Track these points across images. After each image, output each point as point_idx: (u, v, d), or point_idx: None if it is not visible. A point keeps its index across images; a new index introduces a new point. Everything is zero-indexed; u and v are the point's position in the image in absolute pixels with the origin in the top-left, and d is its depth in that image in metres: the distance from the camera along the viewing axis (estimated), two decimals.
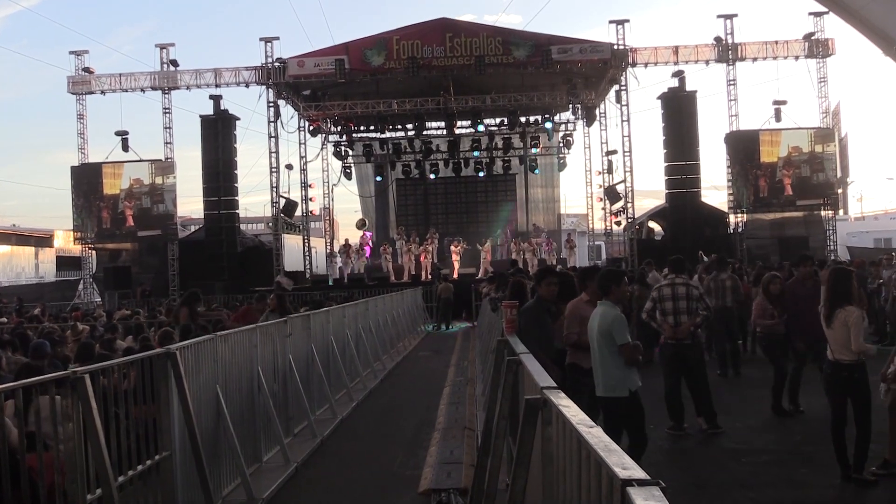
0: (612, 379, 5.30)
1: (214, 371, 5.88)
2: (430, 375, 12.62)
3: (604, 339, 5.30)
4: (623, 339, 5.25)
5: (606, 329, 5.29)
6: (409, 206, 33.85)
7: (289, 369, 7.83)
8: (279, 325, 7.73)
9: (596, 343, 5.35)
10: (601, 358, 5.33)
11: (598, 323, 5.34)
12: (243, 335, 6.62)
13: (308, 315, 9.16)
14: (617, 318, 5.35)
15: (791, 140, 25.72)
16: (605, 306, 5.43)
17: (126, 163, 26.47)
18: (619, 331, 5.27)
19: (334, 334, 10.19)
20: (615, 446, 2.12)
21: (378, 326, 14.17)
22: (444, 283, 21.92)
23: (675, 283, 7.50)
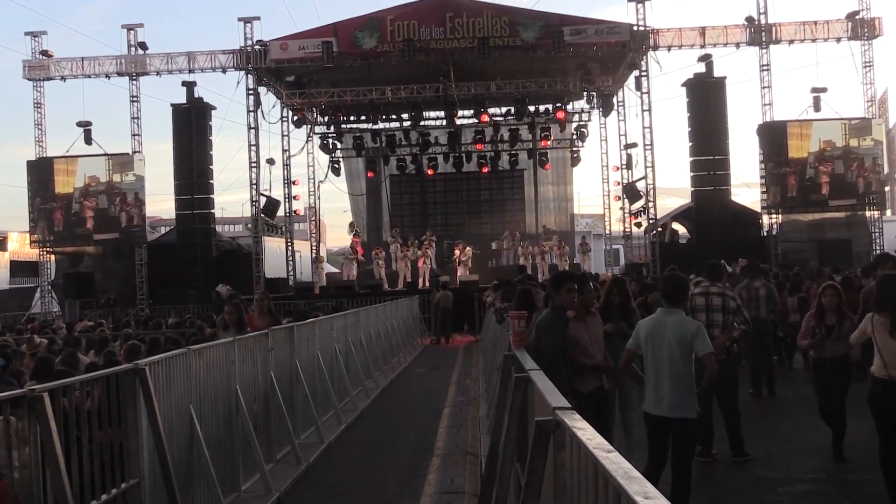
0: (683, 397, 5.29)
1: (188, 389, 5.88)
2: (428, 395, 12.63)
3: (682, 350, 5.29)
4: (709, 348, 5.26)
5: (686, 339, 5.28)
6: (404, 205, 33.91)
7: (270, 388, 7.83)
8: (259, 339, 7.73)
9: (667, 356, 5.33)
10: (673, 373, 5.30)
11: (674, 332, 5.32)
12: (220, 349, 6.64)
13: (291, 327, 9.16)
14: (700, 326, 5.38)
15: (823, 133, 25.60)
16: (677, 315, 5.42)
17: (81, 157, 26.37)
18: (704, 339, 5.29)
19: (321, 349, 10.19)
20: (636, 473, 2.12)
21: (370, 340, 14.17)
22: (443, 292, 21.94)
23: (710, 293, 7.46)
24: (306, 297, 23.81)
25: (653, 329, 5.45)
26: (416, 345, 20.57)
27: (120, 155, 26.50)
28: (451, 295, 21.86)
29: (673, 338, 5.32)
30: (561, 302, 5.72)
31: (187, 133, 26.23)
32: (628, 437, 6.66)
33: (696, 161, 25.78)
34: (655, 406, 5.36)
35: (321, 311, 15.94)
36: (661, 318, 5.47)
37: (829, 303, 7.19)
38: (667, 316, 5.44)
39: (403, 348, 18.28)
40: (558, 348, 5.51)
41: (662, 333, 5.37)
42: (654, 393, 5.38)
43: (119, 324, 15.86)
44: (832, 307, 7.18)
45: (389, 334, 16.75)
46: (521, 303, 7.15)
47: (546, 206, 33.87)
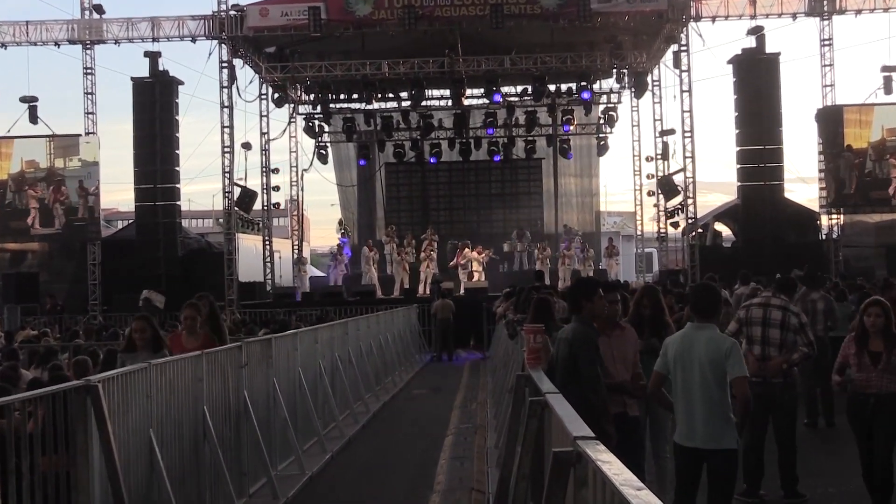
0: (719, 425, 5.29)
1: (147, 411, 5.90)
2: (427, 421, 12.62)
3: (715, 371, 5.30)
4: (742, 371, 5.28)
5: (720, 358, 5.29)
6: (401, 198, 33.98)
7: (243, 410, 7.85)
8: (231, 353, 7.74)
9: (698, 378, 5.35)
10: (705, 397, 5.31)
11: (706, 351, 5.33)
12: (185, 365, 6.65)
13: (269, 339, 9.18)
14: (735, 345, 5.38)
15: (887, 119, 25.51)
16: (708, 330, 5.43)
17: (18, 139, 26.27)
18: (738, 360, 5.30)
19: (303, 365, 10.21)
20: None
21: (360, 356, 14.18)
22: (442, 301, 22.00)
23: (770, 305, 7.42)
24: (286, 305, 23.86)
25: (682, 347, 5.45)
26: (413, 362, 20.54)
27: (65, 136, 26.43)
28: (451, 304, 21.88)
29: (704, 357, 5.32)
30: (592, 312, 5.73)
31: (150, 112, 26.29)
32: (661, 471, 6.65)
33: (744, 151, 25.76)
34: (687, 436, 5.36)
35: (304, 322, 15.97)
36: (691, 335, 5.47)
37: (873, 324, 6.59)
38: (697, 332, 5.45)
39: (399, 366, 18.28)
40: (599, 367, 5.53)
41: (692, 352, 5.38)
42: (686, 421, 5.38)
43: (67, 333, 15.88)
44: (878, 329, 6.59)
45: (383, 349, 16.75)
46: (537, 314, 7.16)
47: (567, 201, 33.89)
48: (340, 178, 34.61)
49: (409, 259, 27.39)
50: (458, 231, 31.42)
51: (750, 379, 7.26)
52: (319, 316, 18.86)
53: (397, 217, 32.85)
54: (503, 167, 32.96)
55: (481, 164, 33.12)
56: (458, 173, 33.67)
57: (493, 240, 30.03)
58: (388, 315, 18.78)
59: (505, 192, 33.64)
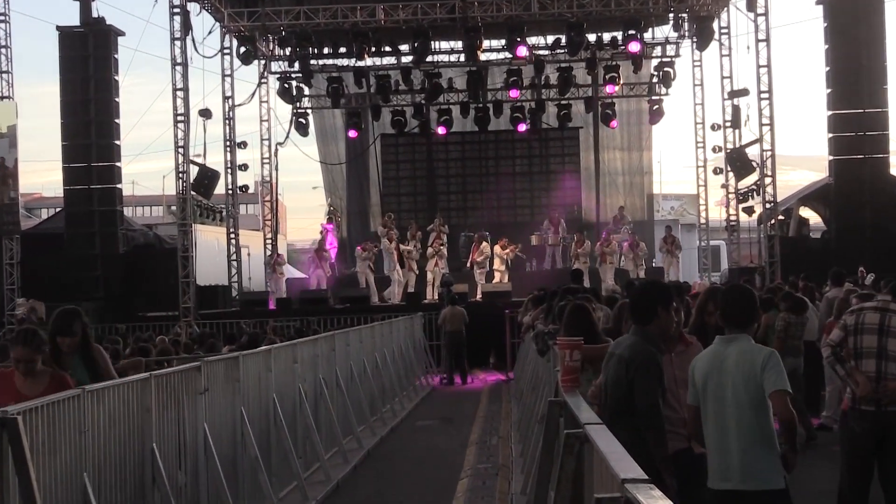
0: (760, 459, 5.27)
1: (80, 449, 5.89)
2: (435, 460, 12.61)
3: (751, 391, 5.27)
4: (781, 383, 5.25)
5: (755, 373, 5.27)
6: (402, 179, 34.00)
7: (203, 448, 7.87)
8: (187, 376, 7.75)
9: (731, 402, 5.33)
10: (741, 424, 5.30)
11: (739, 367, 5.31)
12: (129, 391, 6.67)
13: (235, 358, 9.18)
14: (774, 354, 5.35)
15: None
16: (741, 342, 5.41)
17: None
18: (777, 371, 5.26)
19: (279, 391, 10.22)
20: None
21: (351, 378, 14.20)
22: (451, 308, 21.98)
23: (889, 310, 7.39)
24: (257, 315, 23.90)
25: (710, 367, 5.45)
26: (418, 385, 20.55)
27: None
28: (463, 312, 21.87)
29: (737, 375, 5.32)
30: (660, 327, 5.71)
31: (81, 70, 26.32)
32: None
33: (838, 117, 25.61)
34: (722, 476, 5.35)
35: (279, 336, 15.96)
36: (721, 351, 5.47)
37: None
38: (727, 346, 5.45)
39: (400, 391, 18.29)
40: (658, 397, 5.51)
41: (723, 371, 5.38)
42: (719, 458, 5.37)
43: None
44: None
45: (380, 370, 16.76)
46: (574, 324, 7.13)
47: (612, 181, 33.81)
48: (325, 153, 34.64)
49: (412, 256, 27.38)
50: (474, 220, 31.42)
51: (857, 406, 7.22)
52: (299, 328, 18.88)
53: (397, 203, 32.84)
54: (530, 139, 32.93)
55: (502, 136, 33.09)
56: (472, 147, 33.68)
57: (518, 231, 29.95)
58: (387, 326, 18.77)
59: (532, 171, 33.64)
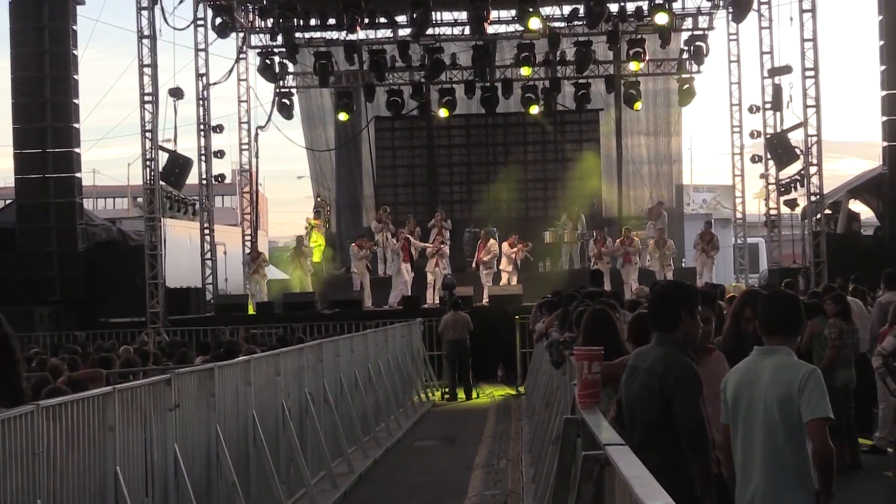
0: (786, 490, 5.29)
1: (33, 473, 5.89)
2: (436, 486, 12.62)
3: (785, 415, 5.27)
4: (822, 409, 5.23)
5: (790, 396, 5.27)
6: (398, 168, 33.96)
7: (173, 472, 7.88)
8: (155, 391, 7.75)
9: (762, 423, 5.34)
10: (769, 448, 5.31)
11: (773, 384, 5.31)
12: (89, 407, 6.68)
13: (210, 370, 9.18)
14: (814, 373, 5.33)
15: None
16: (779, 355, 5.41)
17: None
18: (818, 393, 5.25)
19: (259, 407, 10.23)
20: None
21: (341, 393, 14.21)
22: (454, 314, 21.98)
23: None
24: (235, 321, 23.85)
25: (742, 382, 5.46)
26: (417, 401, 20.58)
27: None
28: (467, 319, 21.88)
29: (771, 393, 5.31)
30: (686, 334, 5.70)
31: (35, 44, 26.19)
32: None
33: (893, 98, 25.54)
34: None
35: (259, 345, 15.97)
36: (756, 363, 5.46)
37: None
38: (764, 359, 5.45)
39: (397, 407, 18.30)
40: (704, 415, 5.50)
41: (755, 388, 5.38)
42: (741, 490, 5.40)
43: None
44: None
45: (374, 383, 16.78)
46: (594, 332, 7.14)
47: (636, 170, 33.80)
48: (311, 139, 34.61)
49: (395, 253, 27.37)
50: (480, 215, 31.34)
51: None
52: (282, 336, 18.86)
53: (393, 195, 32.83)
54: (544, 122, 32.87)
55: (512, 119, 33.08)
56: (478, 132, 33.64)
57: (530, 226, 29.95)
58: (381, 334, 18.76)
59: (546, 159, 33.59)
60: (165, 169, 25.84)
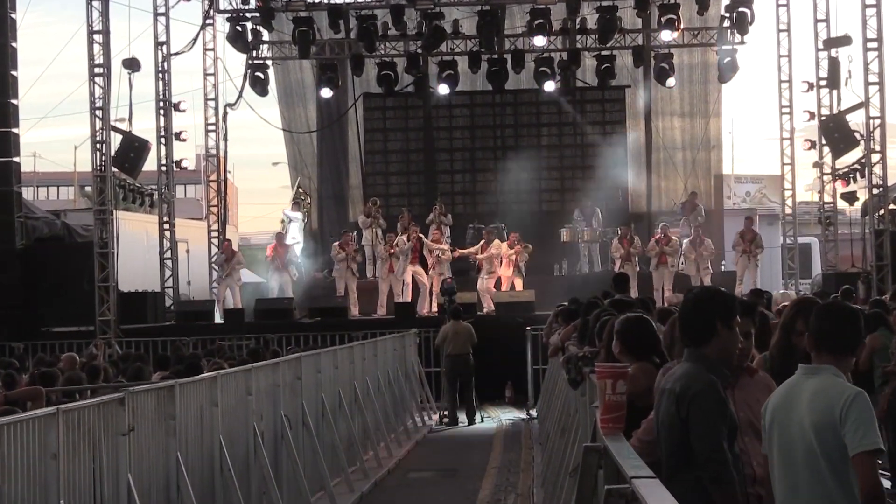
0: None
1: None
2: None
3: (826, 447, 5.26)
4: (870, 441, 5.21)
5: (831, 424, 5.25)
6: (391, 153, 33.96)
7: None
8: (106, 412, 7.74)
9: (801, 453, 5.34)
10: (811, 481, 5.29)
11: (811, 409, 5.30)
12: (28, 431, 6.67)
13: (170, 387, 9.17)
14: (859, 396, 5.30)
15: None
16: (822, 376, 5.41)
17: None
18: (865, 424, 5.22)
19: (226, 432, 10.21)
20: None
21: (322, 416, 14.21)
22: (455, 324, 21.94)
23: None
24: (199, 332, 23.90)
25: (780, 406, 5.45)
26: (411, 426, 20.59)
27: None
28: (470, 330, 21.87)
29: (809, 421, 5.29)
30: (721, 349, 5.69)
31: None
32: None
33: None
34: None
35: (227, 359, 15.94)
36: (797, 384, 5.46)
37: None
38: (806, 379, 5.44)
39: (388, 432, 18.29)
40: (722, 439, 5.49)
41: (794, 413, 5.37)
42: None
43: None
44: None
45: (361, 405, 16.78)
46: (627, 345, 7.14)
47: (669, 157, 33.77)
48: (289, 119, 34.59)
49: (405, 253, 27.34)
50: (486, 209, 31.43)
51: None
52: (254, 349, 18.87)
53: (384, 184, 32.87)
54: (560, 101, 32.88)
55: (524, 97, 33.13)
56: (484, 111, 33.68)
57: (543, 222, 30.00)
58: (370, 347, 18.75)
59: (564, 144, 33.61)
60: (118, 153, 25.85)
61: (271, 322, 24.50)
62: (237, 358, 16.77)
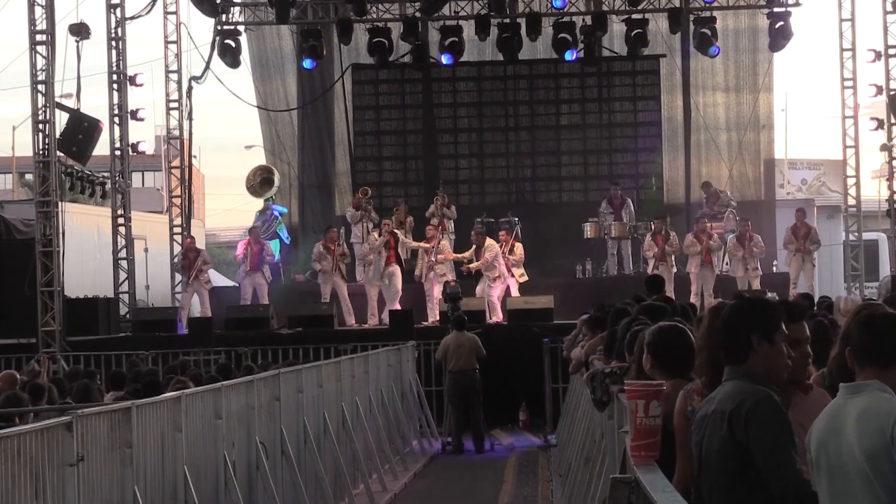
0: None
1: None
2: None
3: (879, 476, 5.27)
4: None
5: (882, 450, 5.24)
6: (384, 134, 34.03)
7: None
8: (50, 438, 7.73)
9: (856, 480, 5.34)
10: None
11: (858, 438, 5.31)
12: None
13: (126, 409, 9.18)
14: None
15: None
16: (869, 393, 5.41)
17: None
18: None
19: (191, 461, 10.20)
20: None
21: (304, 442, 14.23)
22: (458, 335, 21.94)
23: None
24: (160, 344, 23.88)
25: (826, 431, 5.44)
26: (409, 454, 20.64)
27: None
28: (476, 342, 21.86)
29: (859, 446, 5.29)
30: (767, 363, 5.70)
31: None
32: None
33: None
34: None
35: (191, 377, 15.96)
36: (841, 408, 5.45)
37: None
38: (851, 398, 5.44)
39: (382, 462, 18.33)
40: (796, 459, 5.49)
41: (841, 439, 5.36)
42: None
43: None
44: None
45: (350, 429, 16.80)
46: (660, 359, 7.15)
47: (711, 138, 33.74)
48: (265, 95, 34.59)
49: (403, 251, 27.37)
50: (496, 200, 31.46)
51: None
52: (224, 364, 18.90)
53: (377, 171, 32.97)
54: (584, 73, 32.96)
55: (540, 69, 33.20)
56: (495, 85, 33.71)
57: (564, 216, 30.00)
58: (360, 363, 18.78)
59: (587, 123, 33.60)
60: (64, 134, 25.85)
61: (244, 333, 24.52)
62: (204, 375, 16.76)
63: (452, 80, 33.38)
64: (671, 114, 33.06)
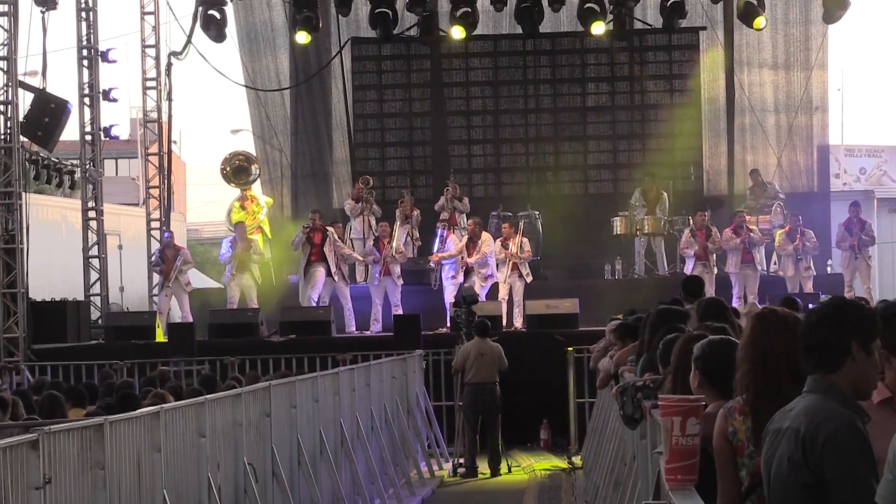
0: None
1: None
2: None
3: None
4: None
5: None
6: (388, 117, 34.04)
7: None
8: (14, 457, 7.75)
9: None
10: None
11: None
12: None
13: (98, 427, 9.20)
14: None
15: None
16: None
17: None
18: None
19: (173, 484, 10.24)
20: None
21: (298, 462, 14.26)
22: (479, 343, 21.87)
23: None
24: (136, 353, 23.94)
25: None
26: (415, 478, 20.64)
27: None
28: (499, 352, 21.84)
29: None
30: (858, 375, 5.71)
31: None
32: None
33: None
34: None
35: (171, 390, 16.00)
36: None
37: None
38: None
39: (386, 485, 18.39)
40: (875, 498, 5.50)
41: None
42: None
43: None
44: None
45: (350, 449, 16.82)
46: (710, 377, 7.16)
47: (758, 121, 33.73)
48: (254, 72, 34.65)
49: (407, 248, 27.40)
50: (513, 191, 31.56)
51: None
52: (208, 376, 18.94)
53: (379, 159, 33.10)
54: (613, 48, 33.04)
55: (563, 43, 33.27)
56: (512, 62, 33.82)
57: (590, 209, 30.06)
58: (361, 374, 18.82)
59: (617, 105, 33.71)
60: (29, 117, 25.93)
61: (230, 341, 24.57)
62: (186, 388, 16.81)
63: (465, 56, 33.39)
64: (712, 94, 33.10)
